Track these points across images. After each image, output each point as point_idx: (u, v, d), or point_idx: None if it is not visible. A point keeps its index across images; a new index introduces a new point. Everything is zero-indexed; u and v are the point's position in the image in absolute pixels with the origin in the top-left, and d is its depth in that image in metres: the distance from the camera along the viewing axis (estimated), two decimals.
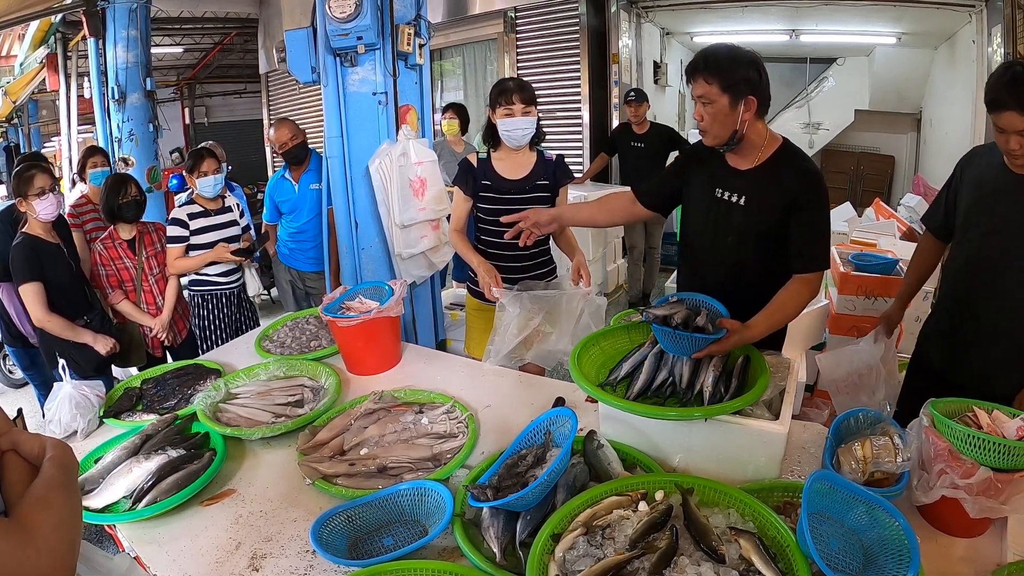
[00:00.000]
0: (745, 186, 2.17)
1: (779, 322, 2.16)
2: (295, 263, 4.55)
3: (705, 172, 2.28)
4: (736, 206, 2.18)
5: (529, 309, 2.61)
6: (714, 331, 1.92)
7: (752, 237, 2.18)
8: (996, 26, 5.52)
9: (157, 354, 3.71)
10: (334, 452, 2.08)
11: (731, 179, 2.20)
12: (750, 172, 2.17)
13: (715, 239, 2.26)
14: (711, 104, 2.04)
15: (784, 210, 2.10)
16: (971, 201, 2.25)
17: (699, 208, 2.32)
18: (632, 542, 1.44)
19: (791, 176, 2.10)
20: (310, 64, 3.44)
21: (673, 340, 1.94)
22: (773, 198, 2.11)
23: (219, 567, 1.66)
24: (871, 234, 4.58)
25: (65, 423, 2.34)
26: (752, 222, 2.16)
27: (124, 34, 6.47)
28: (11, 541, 0.70)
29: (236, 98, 13.91)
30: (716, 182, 2.23)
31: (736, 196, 2.18)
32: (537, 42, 7.49)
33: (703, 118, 2.09)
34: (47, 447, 0.82)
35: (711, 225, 2.27)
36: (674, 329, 1.91)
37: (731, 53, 2.04)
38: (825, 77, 8.64)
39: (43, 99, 12.28)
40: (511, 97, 2.82)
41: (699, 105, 2.08)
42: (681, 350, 1.97)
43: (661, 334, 1.97)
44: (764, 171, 2.14)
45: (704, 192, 2.27)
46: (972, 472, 1.50)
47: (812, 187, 2.10)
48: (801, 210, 2.09)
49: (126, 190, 3.45)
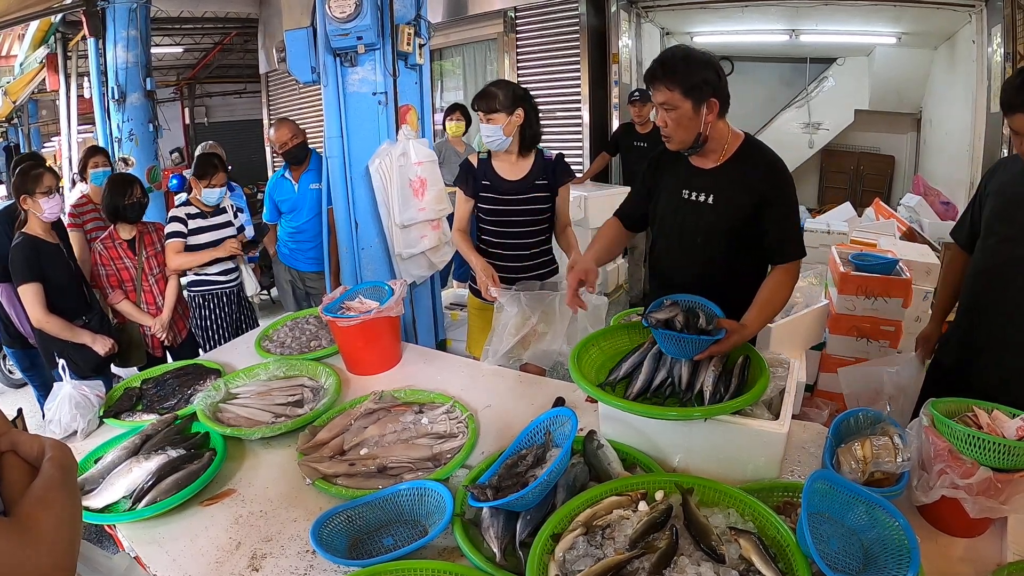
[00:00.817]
0: (712, 184, 2.19)
1: (771, 315, 2.16)
2: (295, 263, 4.55)
3: (671, 176, 2.30)
4: (705, 205, 2.20)
5: (526, 309, 2.61)
6: (715, 332, 1.92)
7: (722, 235, 2.19)
8: (996, 26, 5.51)
9: (157, 354, 3.71)
10: (334, 452, 2.08)
11: (697, 179, 2.22)
12: (715, 170, 2.19)
13: (683, 240, 2.28)
14: (674, 110, 2.06)
15: (753, 207, 2.12)
16: (993, 208, 2.26)
17: (667, 211, 2.33)
18: (632, 542, 1.44)
19: (757, 172, 2.13)
20: (310, 64, 3.44)
21: (676, 344, 1.94)
22: (741, 195, 2.13)
23: (219, 567, 1.66)
24: (871, 234, 4.58)
25: (65, 423, 2.34)
26: (721, 220, 2.18)
27: (124, 34, 6.47)
28: (11, 540, 0.70)
29: (236, 98, 13.90)
30: (682, 184, 2.25)
31: (704, 195, 2.20)
32: (537, 42, 7.48)
33: (667, 124, 2.10)
34: (46, 448, 0.82)
35: (679, 226, 2.29)
36: (679, 333, 1.91)
37: (688, 57, 2.05)
38: (825, 77, 8.62)
39: (43, 99, 12.28)
40: (476, 105, 2.90)
41: (661, 112, 2.09)
42: (683, 352, 1.96)
43: (663, 338, 1.97)
44: (729, 168, 2.17)
45: (672, 195, 2.29)
46: (972, 472, 1.50)
47: (779, 181, 2.13)
48: (771, 205, 2.11)
49: (131, 191, 3.46)
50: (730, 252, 2.21)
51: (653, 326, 1.96)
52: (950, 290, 2.59)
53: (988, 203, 2.29)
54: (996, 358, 2.23)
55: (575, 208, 5.44)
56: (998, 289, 2.20)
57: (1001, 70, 5.49)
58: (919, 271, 3.74)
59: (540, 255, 3.06)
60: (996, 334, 2.22)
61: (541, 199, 2.96)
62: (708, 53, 2.09)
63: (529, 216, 2.96)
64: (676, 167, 2.27)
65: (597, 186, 6.22)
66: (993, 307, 2.22)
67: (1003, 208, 2.21)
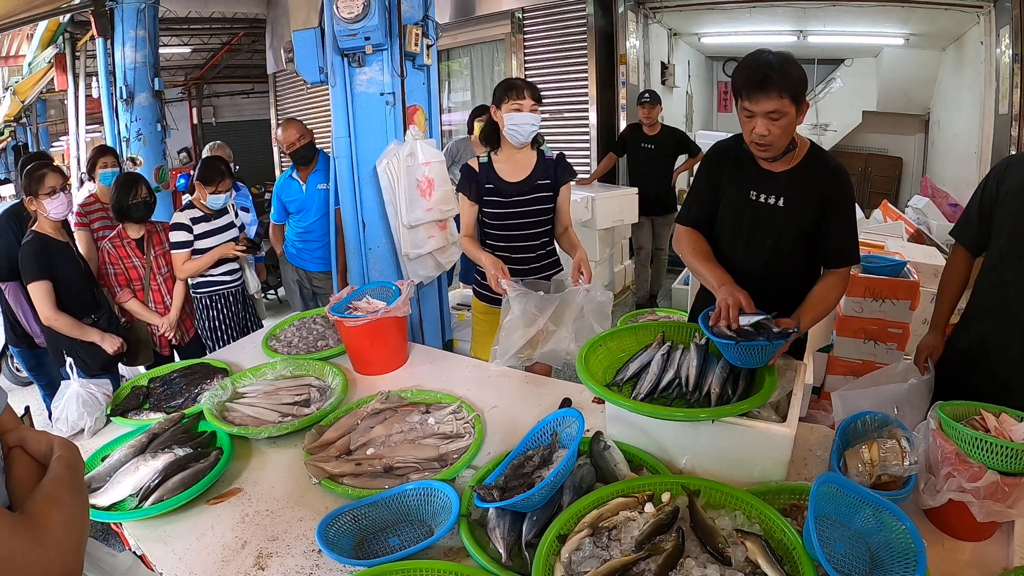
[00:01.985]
0: (782, 188, 2.13)
1: (821, 314, 2.11)
2: (302, 263, 4.56)
3: (737, 176, 2.21)
4: (775, 208, 2.14)
5: (534, 309, 2.60)
6: (778, 333, 1.86)
7: (792, 238, 2.16)
8: (1004, 27, 5.50)
9: (165, 353, 3.73)
10: (340, 452, 2.08)
11: (766, 181, 2.15)
12: (786, 174, 2.13)
13: (751, 242, 2.22)
14: (783, 117, 1.92)
15: (820, 210, 2.09)
16: (1015, 210, 2.16)
17: (730, 211, 2.26)
18: (638, 544, 1.44)
19: (824, 175, 2.09)
20: (318, 64, 3.44)
21: (752, 353, 1.86)
22: (810, 197, 2.09)
23: (225, 566, 1.67)
24: (879, 236, 4.57)
25: (72, 421, 2.35)
26: (792, 223, 2.13)
27: (132, 34, 6.49)
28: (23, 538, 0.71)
29: (244, 98, 13.94)
30: (750, 185, 2.18)
31: (773, 198, 2.14)
32: (545, 43, 7.49)
33: (770, 132, 1.94)
34: (55, 446, 0.83)
35: (745, 227, 2.22)
36: (765, 341, 1.83)
37: (788, 59, 1.92)
38: (833, 78, 8.62)
39: (51, 99, 12.34)
40: (522, 92, 2.82)
41: (764, 120, 1.93)
42: (754, 361, 1.89)
43: (738, 351, 1.86)
44: (800, 171, 2.12)
45: (738, 196, 2.22)
46: (979, 475, 1.50)
47: (844, 184, 2.11)
48: (835, 208, 2.09)
49: (137, 190, 3.47)
50: (796, 254, 2.18)
51: (739, 342, 1.85)
52: (955, 295, 2.46)
53: (1007, 204, 2.19)
54: (1007, 359, 2.19)
55: (582, 209, 5.45)
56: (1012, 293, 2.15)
57: (1009, 71, 5.47)
58: (927, 273, 3.72)
59: (545, 256, 3.05)
60: (1008, 335, 2.19)
61: (544, 199, 2.95)
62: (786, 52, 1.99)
63: (533, 216, 2.95)
64: (741, 166, 2.18)
65: (604, 187, 6.23)
66: (1008, 310, 2.17)
67: None
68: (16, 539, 0.69)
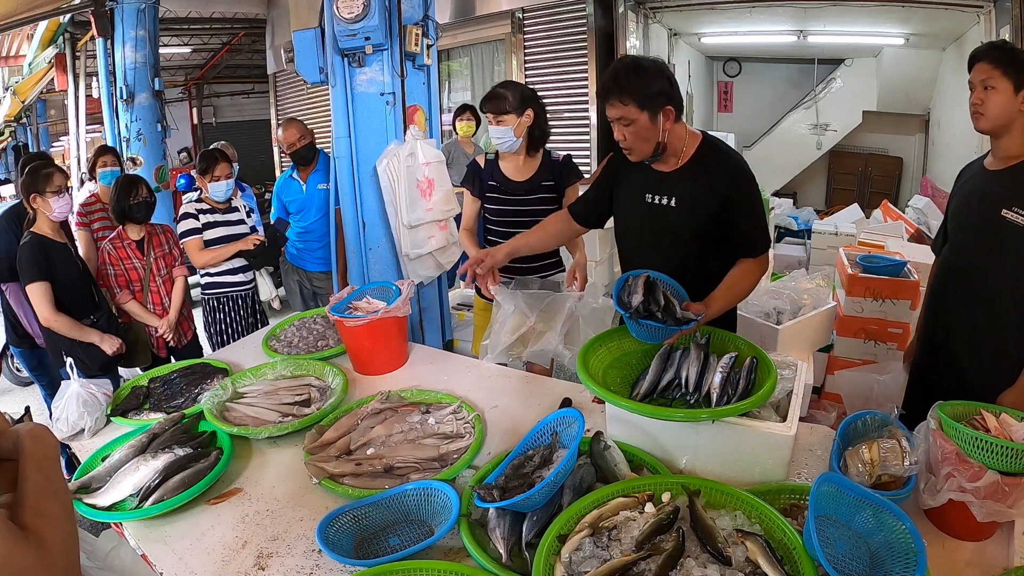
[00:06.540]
0: (674, 187, 2.18)
1: (735, 299, 2.19)
2: (303, 263, 4.56)
3: (632, 178, 2.29)
4: (668, 208, 2.19)
5: (524, 307, 2.60)
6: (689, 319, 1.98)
7: (687, 237, 2.19)
8: (1005, 27, 5.48)
9: (161, 355, 3.71)
10: (341, 452, 2.08)
11: (659, 182, 2.21)
12: (676, 172, 2.18)
13: (651, 243, 2.28)
14: (632, 124, 2.04)
15: (718, 207, 2.12)
16: (955, 209, 2.35)
17: (631, 215, 2.33)
18: (638, 544, 1.44)
19: (718, 171, 2.13)
20: (318, 64, 3.44)
21: (650, 331, 1.99)
22: (704, 195, 2.12)
23: (225, 566, 1.67)
24: (879, 236, 4.57)
25: (72, 421, 2.35)
26: (685, 222, 2.17)
27: (132, 34, 6.50)
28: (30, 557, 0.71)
29: (244, 98, 13.94)
30: (645, 187, 2.24)
31: (666, 199, 2.19)
32: (545, 43, 7.48)
33: (625, 138, 2.09)
34: (21, 440, 0.80)
35: (645, 230, 2.29)
36: (663, 323, 1.96)
37: (638, 68, 2.03)
38: (833, 78, 8.61)
39: (52, 99, 12.36)
40: (483, 107, 2.91)
41: (618, 126, 2.08)
42: (654, 338, 2.02)
43: (640, 327, 2.00)
44: (690, 169, 2.16)
45: (634, 198, 2.29)
46: (979, 476, 1.50)
47: (740, 180, 2.12)
48: (736, 204, 2.11)
49: (137, 191, 3.47)
50: (696, 252, 2.21)
51: (632, 317, 1.98)
52: None
53: (952, 203, 2.38)
54: (958, 354, 2.30)
55: None
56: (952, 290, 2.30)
57: None
58: (927, 273, 3.69)
59: (546, 256, 3.06)
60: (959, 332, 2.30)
61: (548, 200, 2.96)
62: (658, 60, 2.09)
63: (535, 217, 2.94)
64: (638, 169, 2.25)
65: None
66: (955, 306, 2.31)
67: (961, 209, 2.31)
68: (24, 557, 0.69)
